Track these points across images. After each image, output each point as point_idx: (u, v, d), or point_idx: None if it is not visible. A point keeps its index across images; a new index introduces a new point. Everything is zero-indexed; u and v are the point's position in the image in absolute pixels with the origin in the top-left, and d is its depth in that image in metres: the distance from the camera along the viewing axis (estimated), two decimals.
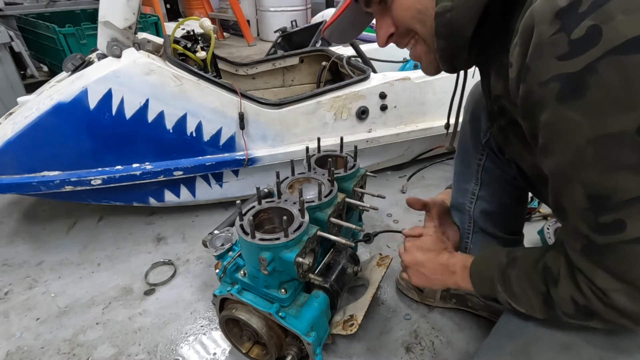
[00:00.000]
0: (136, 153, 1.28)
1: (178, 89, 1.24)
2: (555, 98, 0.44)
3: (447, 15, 0.54)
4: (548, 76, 0.44)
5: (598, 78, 0.40)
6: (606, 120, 0.41)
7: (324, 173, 0.98)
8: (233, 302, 0.88)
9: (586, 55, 0.40)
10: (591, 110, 0.42)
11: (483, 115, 0.85)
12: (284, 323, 0.81)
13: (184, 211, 1.54)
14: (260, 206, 0.85)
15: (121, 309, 1.13)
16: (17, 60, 2.37)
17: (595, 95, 0.41)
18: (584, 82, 0.41)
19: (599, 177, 0.44)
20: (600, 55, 0.39)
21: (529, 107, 0.49)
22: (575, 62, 0.41)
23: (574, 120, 0.43)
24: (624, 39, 0.38)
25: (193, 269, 1.27)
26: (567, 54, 0.42)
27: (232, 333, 0.95)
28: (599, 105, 0.41)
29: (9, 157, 1.20)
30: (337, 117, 1.46)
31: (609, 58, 0.39)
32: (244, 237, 0.76)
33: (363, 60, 1.72)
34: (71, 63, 1.37)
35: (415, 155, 1.82)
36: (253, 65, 1.85)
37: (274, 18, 4.44)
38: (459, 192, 0.96)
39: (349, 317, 0.93)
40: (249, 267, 0.84)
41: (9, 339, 1.04)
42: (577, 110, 0.43)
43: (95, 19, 1.49)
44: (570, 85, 0.42)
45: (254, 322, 0.84)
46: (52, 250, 1.36)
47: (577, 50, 0.41)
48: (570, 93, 0.42)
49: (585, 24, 0.40)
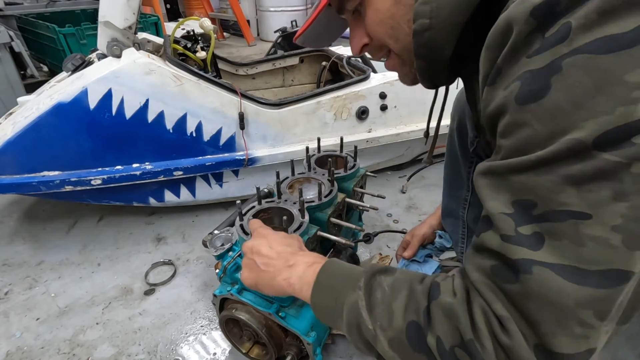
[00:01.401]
0: (136, 153, 1.28)
1: (178, 89, 1.24)
2: (514, 99, 0.39)
3: (425, 34, 0.50)
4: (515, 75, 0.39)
5: (561, 78, 0.36)
6: (563, 127, 0.36)
7: (324, 173, 0.98)
8: (233, 302, 0.88)
9: (551, 51, 0.37)
10: (548, 113, 0.37)
11: (469, 123, 0.83)
12: (283, 323, 0.81)
13: (184, 211, 1.54)
14: (260, 206, 0.85)
15: (121, 309, 1.13)
16: (17, 60, 2.37)
17: (555, 97, 0.36)
18: (545, 82, 0.37)
19: (533, 181, 0.39)
20: (567, 52, 0.36)
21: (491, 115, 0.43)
22: (540, 59, 0.37)
23: (528, 125, 0.38)
24: (594, 37, 0.35)
25: (193, 269, 1.27)
26: (536, 50, 0.38)
27: (232, 333, 0.95)
28: (558, 109, 0.36)
29: (9, 157, 1.20)
30: (337, 117, 1.46)
31: (576, 57, 0.35)
32: (244, 237, 0.76)
33: (363, 60, 1.72)
34: (71, 63, 1.37)
35: (415, 155, 1.82)
36: (253, 65, 1.85)
37: (274, 18, 4.44)
38: (451, 199, 0.95)
39: None
40: None
41: (9, 339, 1.04)
42: (535, 112, 0.38)
43: (95, 19, 1.49)
44: (531, 84, 0.38)
45: (254, 322, 0.84)
46: (52, 250, 1.36)
47: (545, 46, 0.37)
48: (529, 93, 0.38)
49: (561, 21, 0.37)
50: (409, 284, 0.49)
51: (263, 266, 0.64)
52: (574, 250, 0.37)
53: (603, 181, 0.35)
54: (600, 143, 0.35)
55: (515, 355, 0.39)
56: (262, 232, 0.69)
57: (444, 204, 0.98)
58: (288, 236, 0.69)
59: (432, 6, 0.48)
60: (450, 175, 0.93)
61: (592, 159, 0.35)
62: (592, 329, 0.37)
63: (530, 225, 0.39)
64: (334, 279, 0.56)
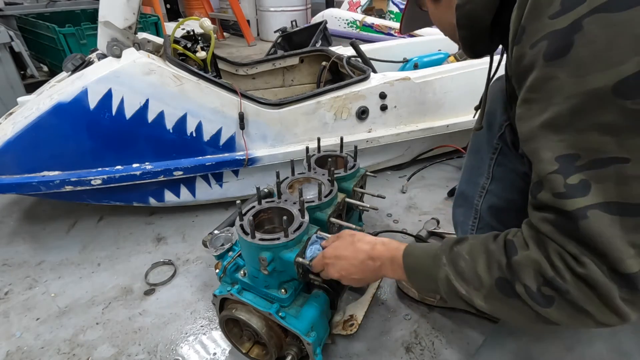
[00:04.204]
0: (136, 153, 1.28)
1: (178, 89, 1.24)
2: (542, 57, 0.45)
3: (466, 7, 0.57)
4: (540, 35, 0.45)
5: (582, 35, 0.41)
6: (586, 77, 0.42)
7: (324, 173, 0.98)
8: (233, 302, 0.88)
9: (573, 13, 0.42)
10: (574, 67, 0.43)
11: (499, 110, 0.85)
12: (284, 323, 0.81)
13: (184, 211, 1.54)
14: (260, 206, 0.85)
15: (121, 309, 1.13)
16: (17, 60, 2.37)
17: (578, 52, 0.42)
18: (569, 39, 0.42)
19: (570, 136, 0.44)
20: (586, 12, 0.41)
21: (520, 72, 0.49)
22: (564, 19, 0.42)
23: (557, 78, 0.44)
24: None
25: (193, 269, 1.27)
26: (558, 12, 0.43)
27: (232, 333, 0.95)
28: (581, 62, 0.42)
29: (9, 157, 1.20)
30: (337, 117, 1.46)
31: (594, 15, 0.40)
32: (244, 237, 0.76)
33: (363, 60, 1.72)
34: (71, 63, 1.37)
35: (415, 155, 1.82)
36: (253, 65, 1.85)
37: (274, 18, 4.44)
38: (469, 185, 0.96)
39: (349, 317, 0.93)
40: (249, 267, 0.84)
41: (9, 339, 1.04)
42: (562, 66, 0.43)
43: (95, 19, 1.49)
44: (557, 42, 0.43)
45: (254, 322, 0.84)
46: (52, 250, 1.36)
47: (566, 8, 0.42)
48: (555, 51, 0.43)
49: None
50: (484, 246, 0.56)
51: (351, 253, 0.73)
52: (617, 189, 0.43)
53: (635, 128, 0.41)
54: (620, 90, 0.40)
55: (592, 281, 0.45)
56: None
57: (460, 191, 0.99)
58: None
59: None
60: (472, 160, 0.95)
61: (617, 108, 0.41)
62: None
63: (577, 175, 0.45)
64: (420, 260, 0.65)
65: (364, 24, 3.53)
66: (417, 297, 1.12)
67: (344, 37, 3.57)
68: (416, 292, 1.12)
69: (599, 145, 0.43)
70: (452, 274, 0.58)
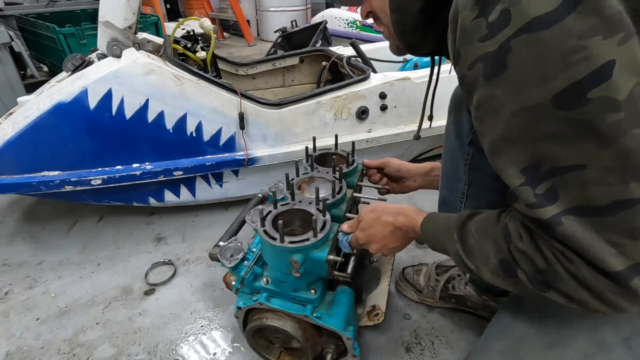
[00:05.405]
0: (136, 153, 1.28)
1: (178, 89, 1.24)
2: (482, 77, 0.47)
3: None
4: (474, 58, 0.48)
5: (513, 56, 0.44)
6: (524, 94, 0.45)
7: (327, 171, 0.98)
8: (260, 312, 0.86)
9: (500, 35, 0.44)
10: (511, 85, 0.45)
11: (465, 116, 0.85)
12: (320, 323, 0.80)
13: (184, 211, 1.54)
14: (277, 210, 0.83)
15: (121, 309, 1.13)
16: (17, 60, 2.37)
17: (513, 71, 0.45)
18: (502, 61, 0.45)
19: (527, 149, 0.47)
20: (512, 34, 0.43)
21: (465, 90, 0.52)
22: (493, 43, 0.45)
23: (498, 97, 0.47)
24: (529, 19, 0.42)
25: (193, 269, 1.27)
26: (486, 35, 0.45)
27: (259, 344, 0.93)
28: (517, 80, 0.45)
29: (9, 157, 1.20)
30: (337, 117, 1.46)
31: (520, 37, 0.43)
32: (272, 242, 0.74)
33: (363, 60, 1.72)
34: (71, 63, 1.37)
35: (415, 155, 1.82)
36: (253, 65, 1.85)
37: (274, 18, 4.44)
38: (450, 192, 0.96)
39: (372, 308, 0.92)
40: (274, 273, 0.82)
41: (9, 339, 1.04)
42: (500, 86, 0.46)
43: (95, 19, 1.49)
44: (491, 64, 0.46)
45: (289, 327, 0.82)
46: (52, 250, 1.36)
47: (493, 32, 0.45)
48: (492, 71, 0.46)
49: (498, 7, 0.44)
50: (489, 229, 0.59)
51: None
52: (581, 194, 0.45)
53: (583, 135, 0.43)
54: (559, 103, 0.43)
55: (582, 278, 0.47)
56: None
57: (442, 197, 0.99)
58: None
59: None
60: (448, 169, 0.95)
61: (560, 119, 0.43)
62: (626, 247, 0.45)
63: (543, 184, 0.47)
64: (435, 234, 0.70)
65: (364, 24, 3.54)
66: (416, 298, 1.12)
67: (344, 37, 3.57)
68: (415, 294, 1.12)
69: (554, 155, 0.45)
70: (462, 250, 0.61)
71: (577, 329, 0.60)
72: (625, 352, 0.57)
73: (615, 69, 0.40)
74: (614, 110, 0.41)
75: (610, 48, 0.40)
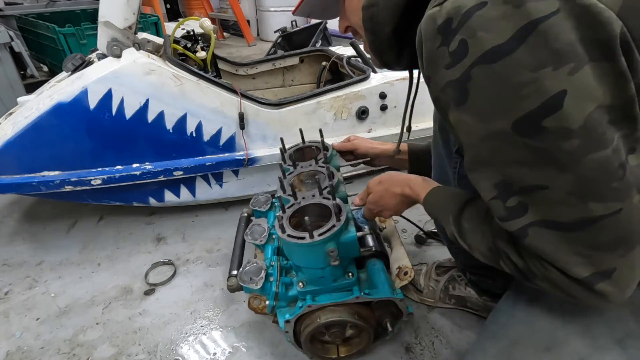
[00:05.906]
0: (136, 153, 1.28)
1: (178, 89, 1.24)
2: (452, 102, 0.50)
3: (370, 9, 0.60)
4: (443, 84, 0.50)
5: (474, 84, 0.46)
6: (489, 121, 0.47)
7: (310, 164, 0.99)
8: (310, 315, 0.85)
9: (461, 64, 0.46)
10: (475, 112, 0.48)
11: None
12: (372, 297, 0.83)
13: (184, 211, 1.54)
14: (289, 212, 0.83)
15: (121, 309, 1.13)
16: (17, 60, 2.37)
17: (475, 98, 0.47)
18: (465, 88, 0.47)
19: (497, 169, 0.50)
20: (470, 64, 0.45)
21: (440, 111, 0.54)
22: (456, 70, 0.47)
23: (468, 122, 0.49)
24: (483, 50, 0.44)
25: (193, 269, 1.27)
26: (450, 63, 0.47)
27: (316, 349, 0.92)
28: (480, 108, 0.47)
29: (9, 157, 1.20)
30: (337, 117, 1.46)
31: (478, 66, 0.45)
32: (303, 242, 0.73)
33: (363, 60, 1.72)
34: (71, 63, 1.37)
35: None
36: (253, 65, 1.85)
37: (274, 18, 4.45)
38: None
39: (398, 270, 0.91)
40: (310, 272, 0.82)
41: (9, 339, 1.04)
42: (467, 112, 0.49)
43: (95, 19, 1.49)
44: (457, 90, 0.48)
45: (345, 316, 0.83)
46: (52, 250, 1.36)
47: (455, 61, 0.46)
48: (459, 98, 0.48)
49: (457, 38, 0.45)
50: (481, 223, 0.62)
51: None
52: (548, 209, 0.48)
53: (543, 161, 0.45)
54: (519, 130, 0.45)
55: (552, 279, 0.51)
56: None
57: None
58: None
59: None
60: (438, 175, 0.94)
61: (522, 145, 0.45)
62: (591, 257, 0.47)
63: (513, 198, 0.50)
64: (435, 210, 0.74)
65: None
66: (416, 298, 1.12)
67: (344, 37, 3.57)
68: (415, 294, 1.12)
69: (521, 175, 0.48)
70: (457, 232, 0.65)
71: (571, 330, 0.60)
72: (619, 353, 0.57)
73: (567, 98, 0.41)
74: (568, 138, 0.43)
75: (561, 79, 0.41)
